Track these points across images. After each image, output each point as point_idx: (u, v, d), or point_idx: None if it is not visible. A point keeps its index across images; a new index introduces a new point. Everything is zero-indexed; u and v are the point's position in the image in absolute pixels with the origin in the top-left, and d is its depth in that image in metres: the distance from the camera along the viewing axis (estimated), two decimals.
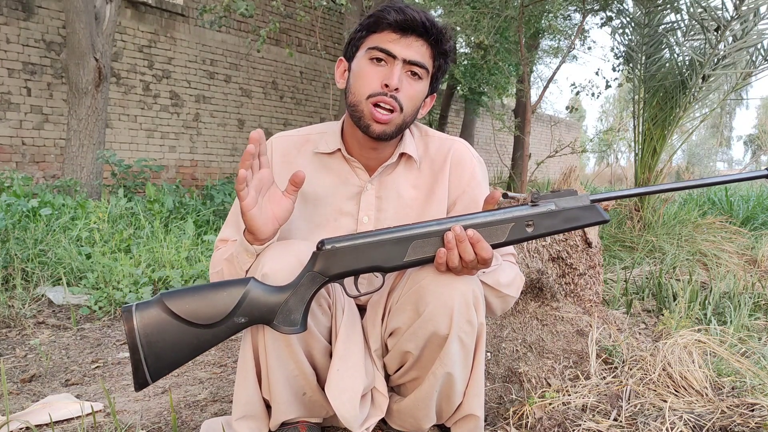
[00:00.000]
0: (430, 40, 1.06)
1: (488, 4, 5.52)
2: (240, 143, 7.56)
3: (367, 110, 1.06)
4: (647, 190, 1.00)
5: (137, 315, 0.91)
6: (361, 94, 1.06)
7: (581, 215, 0.96)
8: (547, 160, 6.36)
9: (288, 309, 0.94)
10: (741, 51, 3.58)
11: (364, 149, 1.14)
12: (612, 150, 17.20)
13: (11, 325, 2.09)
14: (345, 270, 0.96)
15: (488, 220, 0.96)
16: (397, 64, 1.04)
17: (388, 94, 1.04)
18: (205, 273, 2.58)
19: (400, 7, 1.04)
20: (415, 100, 1.08)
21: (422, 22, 1.04)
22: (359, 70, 1.07)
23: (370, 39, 1.07)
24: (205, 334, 0.93)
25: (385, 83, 1.04)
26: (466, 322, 1.00)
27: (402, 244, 0.95)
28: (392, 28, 1.04)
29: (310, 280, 0.96)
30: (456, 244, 0.93)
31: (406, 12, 1.03)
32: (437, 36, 1.06)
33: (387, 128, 1.06)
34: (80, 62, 4.36)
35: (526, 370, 1.53)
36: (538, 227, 0.96)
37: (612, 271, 2.99)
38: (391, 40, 1.04)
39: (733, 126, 33.99)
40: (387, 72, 1.04)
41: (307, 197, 1.16)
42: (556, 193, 0.97)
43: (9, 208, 3.13)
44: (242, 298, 0.93)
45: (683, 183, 1.00)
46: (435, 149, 1.20)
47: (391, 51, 1.04)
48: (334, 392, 1.00)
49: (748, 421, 1.21)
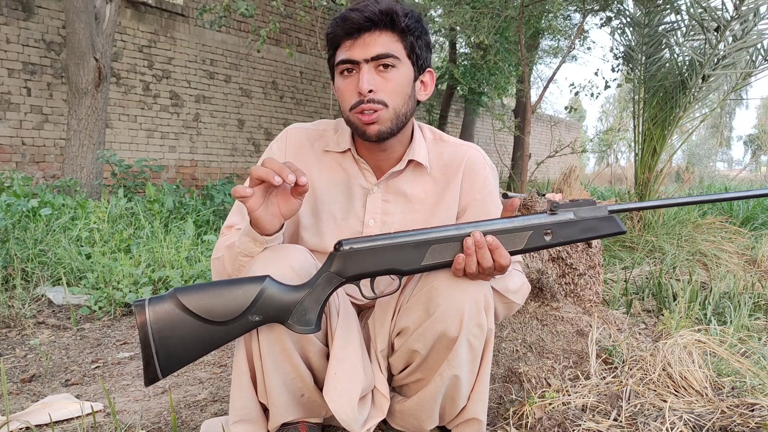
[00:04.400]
0: (386, 28, 1.05)
1: (488, 4, 5.52)
2: (240, 143, 7.56)
3: (355, 119, 1.07)
4: (666, 202, 0.99)
5: (150, 309, 0.90)
6: (345, 108, 1.08)
7: (599, 226, 0.96)
8: (547, 160, 6.36)
9: (303, 309, 0.94)
10: (741, 51, 3.58)
11: (372, 152, 1.15)
12: (612, 150, 17.20)
13: (11, 325, 2.09)
14: (362, 272, 0.96)
15: (507, 227, 0.95)
16: (363, 67, 1.04)
17: (365, 100, 1.04)
18: (205, 273, 2.58)
19: (343, 15, 1.04)
20: (397, 89, 1.06)
21: (367, 18, 1.02)
22: (338, 88, 1.09)
23: (336, 56, 1.08)
24: (219, 331, 0.91)
25: (358, 91, 1.04)
26: (476, 326, 1.00)
27: (421, 248, 0.95)
28: (342, 37, 1.05)
29: (326, 281, 0.95)
30: (475, 250, 0.93)
31: (349, 16, 1.03)
32: (389, 21, 1.04)
33: (380, 126, 1.06)
34: (80, 62, 4.36)
35: (526, 370, 1.53)
36: (556, 236, 0.96)
37: (612, 271, 2.99)
38: (347, 47, 1.05)
39: (733, 126, 34.02)
40: (356, 80, 1.05)
41: (316, 193, 1.16)
42: (574, 203, 0.97)
43: (9, 208, 3.13)
44: (258, 296, 0.92)
45: (703, 197, 0.99)
46: (449, 155, 1.19)
47: (350, 58, 1.04)
48: (332, 396, 1.00)
49: (748, 421, 1.21)
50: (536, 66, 10.96)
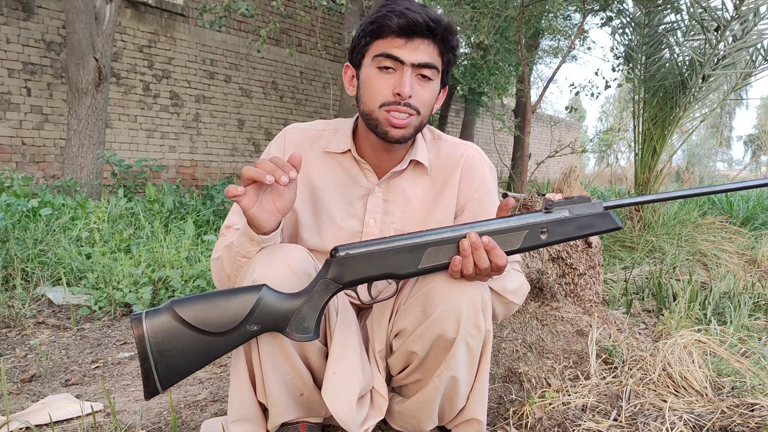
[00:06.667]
0: (436, 39, 1.04)
1: (488, 4, 5.52)
2: (240, 143, 7.56)
3: (382, 117, 1.05)
4: (660, 197, 0.99)
5: (147, 322, 0.89)
6: (373, 103, 1.05)
7: (595, 222, 0.96)
8: (547, 160, 6.35)
9: (301, 316, 0.94)
10: (741, 51, 3.58)
11: (376, 152, 1.14)
12: (612, 150, 17.21)
13: (11, 325, 2.09)
14: (359, 277, 0.95)
15: (503, 227, 0.95)
16: (407, 70, 1.03)
17: (402, 103, 1.03)
18: (205, 273, 2.58)
19: (401, 11, 1.01)
20: (429, 101, 1.07)
21: (425, 23, 1.01)
22: (368, 79, 1.06)
23: (375, 45, 1.05)
24: (217, 342, 0.91)
25: (397, 92, 1.03)
26: (474, 327, 1.00)
27: (416, 252, 0.95)
28: (396, 33, 1.02)
29: (323, 288, 0.95)
30: (471, 251, 0.92)
31: (408, 15, 1.01)
32: (443, 34, 1.04)
33: (405, 132, 1.06)
34: (80, 62, 4.36)
35: (526, 370, 1.53)
36: (552, 234, 0.96)
37: (612, 271, 2.99)
38: (397, 45, 1.03)
39: (733, 126, 34.01)
40: (397, 79, 1.03)
41: (316, 193, 1.16)
42: (569, 200, 0.97)
43: (9, 208, 3.13)
44: (255, 306, 0.91)
45: (695, 189, 0.98)
46: (447, 154, 1.19)
47: (398, 57, 1.02)
48: (330, 395, 1.00)
49: (748, 421, 1.21)
50: (536, 66, 10.96)
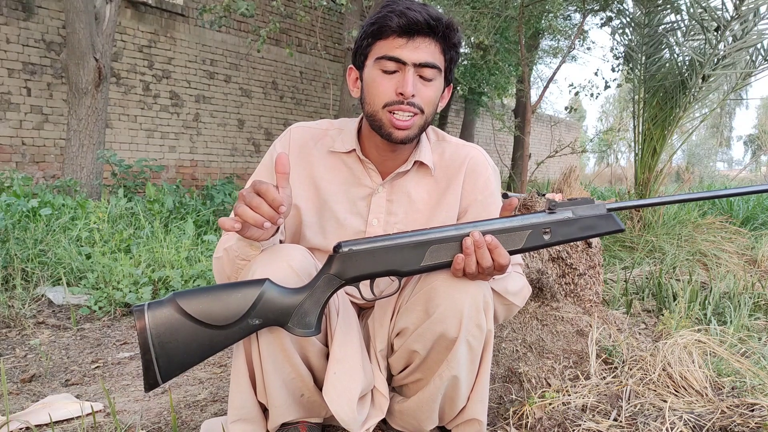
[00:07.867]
0: (437, 37, 1.04)
1: (488, 4, 5.52)
2: (240, 143, 7.56)
3: (385, 119, 1.05)
4: (664, 200, 0.99)
5: (149, 314, 0.89)
6: (377, 104, 1.05)
7: (598, 224, 0.96)
8: (547, 160, 6.36)
9: (303, 311, 0.94)
10: (741, 51, 3.58)
11: (381, 152, 1.14)
12: (612, 150, 17.20)
13: (11, 325, 2.09)
14: (361, 273, 0.95)
15: (506, 227, 0.95)
16: (409, 70, 1.03)
17: (405, 102, 1.03)
18: (205, 273, 2.58)
19: (401, 11, 1.01)
20: (432, 100, 1.08)
21: (426, 22, 1.01)
22: (372, 81, 1.06)
23: (377, 46, 1.05)
24: (218, 335, 0.91)
25: (399, 92, 1.03)
26: (476, 327, 1.00)
27: (419, 249, 0.95)
28: (397, 33, 1.02)
29: (326, 283, 0.95)
30: (474, 249, 0.92)
31: (409, 14, 1.01)
32: (444, 31, 1.04)
33: (410, 132, 1.06)
34: (80, 62, 4.36)
35: (526, 370, 1.53)
36: (555, 235, 0.96)
37: (612, 271, 2.99)
38: (398, 45, 1.03)
39: (733, 126, 34.00)
40: (399, 80, 1.04)
41: (320, 192, 1.16)
42: (573, 201, 0.97)
43: (9, 208, 3.13)
44: (257, 300, 0.91)
45: (700, 194, 0.98)
46: (450, 155, 1.19)
47: (399, 57, 1.03)
48: (331, 395, 1.00)
49: (748, 421, 1.21)
50: (536, 66, 10.95)
